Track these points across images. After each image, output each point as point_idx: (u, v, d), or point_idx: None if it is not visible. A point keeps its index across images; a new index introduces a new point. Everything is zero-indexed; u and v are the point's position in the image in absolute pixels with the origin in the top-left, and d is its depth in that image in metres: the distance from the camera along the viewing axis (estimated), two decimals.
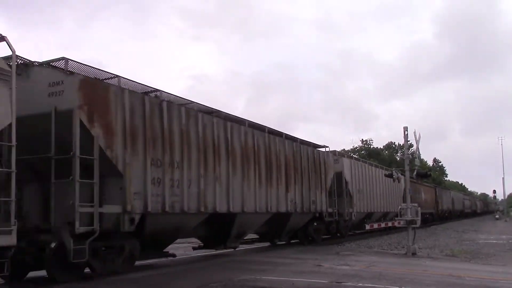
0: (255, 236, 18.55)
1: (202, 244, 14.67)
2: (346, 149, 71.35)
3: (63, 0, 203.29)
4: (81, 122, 9.18)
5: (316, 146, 19.93)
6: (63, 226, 9.01)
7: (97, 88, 9.91)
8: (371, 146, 77.19)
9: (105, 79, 10.65)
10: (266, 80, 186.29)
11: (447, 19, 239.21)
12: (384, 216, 28.04)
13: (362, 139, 77.28)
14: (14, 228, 7.27)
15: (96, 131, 9.45)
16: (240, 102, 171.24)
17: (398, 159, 66.21)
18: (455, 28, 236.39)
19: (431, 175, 51.34)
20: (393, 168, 22.10)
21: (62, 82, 9.36)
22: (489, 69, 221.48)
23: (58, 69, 9.86)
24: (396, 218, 17.22)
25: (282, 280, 9.56)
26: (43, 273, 9.50)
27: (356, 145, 76.08)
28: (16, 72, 7.74)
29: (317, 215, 19.43)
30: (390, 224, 26.13)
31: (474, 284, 9.83)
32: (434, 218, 42.00)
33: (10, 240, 7.23)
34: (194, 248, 15.08)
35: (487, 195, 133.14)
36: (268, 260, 13.24)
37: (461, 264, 13.93)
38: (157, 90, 11.68)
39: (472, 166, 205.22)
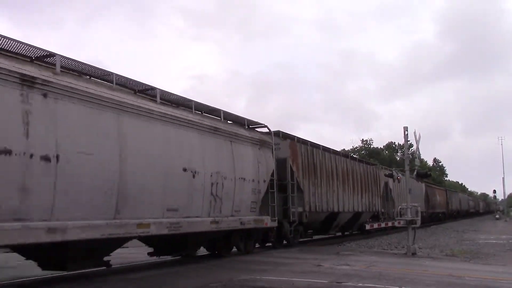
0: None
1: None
2: (346, 149, 71.52)
3: (64, 0, 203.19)
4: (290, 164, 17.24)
5: (368, 163, 29.05)
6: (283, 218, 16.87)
7: (294, 145, 18.21)
8: (371, 146, 77.31)
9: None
10: (266, 80, 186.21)
11: (448, 18, 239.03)
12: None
13: (362, 139, 77.45)
14: (275, 219, 15.52)
15: (294, 168, 17.53)
16: (241, 102, 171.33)
17: (398, 159, 66.31)
18: (457, 27, 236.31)
19: (431, 175, 51.72)
20: (393, 168, 22.14)
21: (279, 143, 17.22)
22: (491, 69, 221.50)
23: (278, 136, 17.53)
24: (396, 218, 17.21)
25: (282, 280, 9.56)
26: None
27: (356, 145, 76.24)
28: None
29: (375, 213, 26.81)
30: (390, 224, 26.19)
31: (474, 284, 9.83)
32: (445, 216, 49.34)
33: (275, 224, 15.65)
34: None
35: (487, 195, 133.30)
36: (268, 260, 13.24)
37: (461, 264, 13.94)
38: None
39: (472, 166, 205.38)
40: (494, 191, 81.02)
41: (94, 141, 8.99)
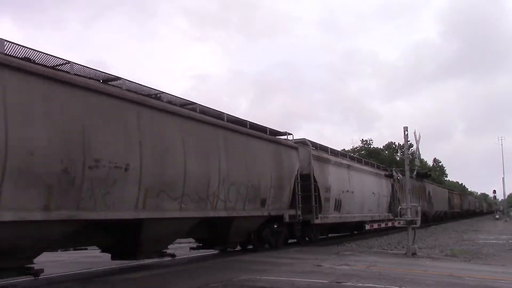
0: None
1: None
2: (346, 149, 71.51)
3: (67, 1, 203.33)
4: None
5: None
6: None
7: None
8: (371, 146, 77.29)
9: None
10: (268, 79, 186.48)
11: (451, 18, 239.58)
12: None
13: (362, 139, 77.42)
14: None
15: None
16: (243, 102, 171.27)
17: (398, 159, 66.30)
18: (460, 27, 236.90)
19: (431, 175, 52.15)
20: (393, 168, 22.14)
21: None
22: (493, 69, 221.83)
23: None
24: (396, 218, 17.21)
25: (282, 280, 9.57)
26: None
27: (356, 145, 76.21)
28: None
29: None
30: (390, 224, 26.25)
31: (474, 284, 9.83)
32: (459, 214, 60.84)
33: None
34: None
35: (487, 195, 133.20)
36: (268, 260, 13.23)
37: (461, 264, 13.94)
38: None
39: (472, 166, 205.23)
40: (494, 191, 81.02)
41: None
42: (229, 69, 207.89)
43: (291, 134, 18.17)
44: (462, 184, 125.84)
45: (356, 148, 75.18)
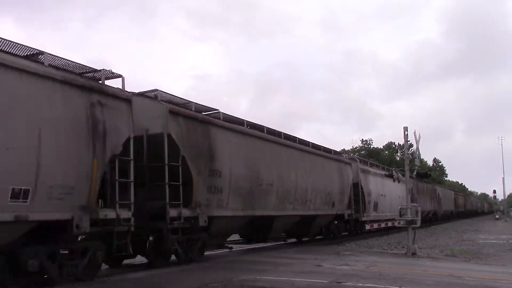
0: None
1: None
2: (346, 149, 71.52)
3: (69, 1, 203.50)
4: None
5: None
6: None
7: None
8: (371, 146, 77.27)
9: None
10: (269, 79, 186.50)
11: (453, 18, 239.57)
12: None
13: (362, 139, 77.42)
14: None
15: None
16: (244, 102, 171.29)
17: (398, 159, 66.29)
18: (461, 27, 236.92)
19: (431, 175, 52.08)
20: (393, 168, 22.15)
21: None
22: (494, 68, 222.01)
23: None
24: (396, 218, 17.21)
25: (282, 280, 9.57)
26: None
27: (356, 145, 76.20)
28: None
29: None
30: (390, 224, 26.25)
31: (474, 284, 9.83)
32: (464, 213, 65.38)
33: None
34: None
35: (487, 195, 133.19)
36: (268, 260, 13.23)
37: (461, 264, 13.94)
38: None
39: (472, 166, 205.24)
40: (494, 191, 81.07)
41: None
42: (229, 69, 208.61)
43: (345, 154, 26.08)
44: (462, 184, 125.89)
45: (356, 148, 75.19)
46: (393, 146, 75.88)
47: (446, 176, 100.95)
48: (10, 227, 7.68)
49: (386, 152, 78.01)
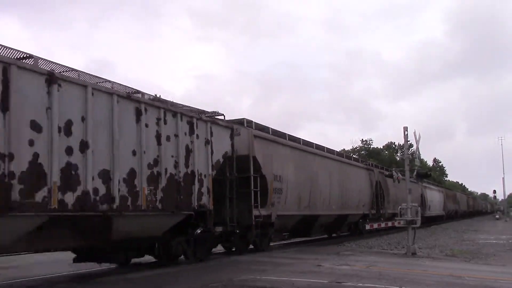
0: None
1: None
2: (346, 149, 71.54)
3: (73, 1, 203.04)
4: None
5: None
6: None
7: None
8: (371, 147, 77.28)
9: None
10: (272, 79, 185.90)
11: (457, 17, 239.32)
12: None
13: (362, 139, 77.44)
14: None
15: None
16: (246, 101, 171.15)
17: (398, 159, 66.33)
18: (465, 26, 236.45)
19: (431, 175, 52.11)
20: (393, 168, 22.16)
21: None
22: (498, 68, 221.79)
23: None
24: (396, 218, 17.21)
25: (282, 280, 9.57)
26: None
27: (356, 145, 76.21)
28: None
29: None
30: (390, 224, 26.27)
31: (474, 284, 9.84)
32: (472, 213, 77.32)
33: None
34: None
35: (487, 195, 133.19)
36: (268, 260, 13.24)
37: (461, 264, 13.94)
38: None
39: (472, 166, 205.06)
40: (494, 191, 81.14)
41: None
42: (232, 69, 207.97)
43: (371, 163, 30.56)
44: (462, 184, 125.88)
45: (356, 148, 75.21)
46: (393, 146, 75.91)
47: (446, 176, 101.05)
48: (360, 215, 25.53)
49: (386, 152, 78.04)
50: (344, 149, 70.01)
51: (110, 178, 9.28)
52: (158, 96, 12.36)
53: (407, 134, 16.51)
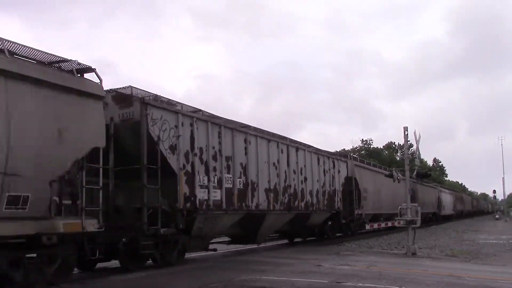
0: None
1: None
2: (346, 149, 71.50)
3: (73, 1, 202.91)
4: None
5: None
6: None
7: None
8: (371, 146, 77.23)
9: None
10: (273, 79, 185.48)
11: (458, 17, 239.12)
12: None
13: (362, 139, 77.40)
14: None
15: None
16: (247, 101, 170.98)
17: (398, 159, 66.30)
18: (467, 26, 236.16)
19: (431, 175, 52.12)
20: (393, 168, 22.15)
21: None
22: (500, 68, 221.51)
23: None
24: (396, 218, 17.21)
25: (282, 280, 9.57)
26: None
27: (356, 145, 76.16)
28: None
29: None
30: (390, 224, 26.30)
31: (474, 284, 9.84)
32: (476, 212, 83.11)
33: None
34: None
35: (487, 195, 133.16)
36: (268, 260, 13.25)
37: (461, 264, 13.94)
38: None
39: (472, 165, 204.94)
40: (494, 191, 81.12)
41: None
42: (233, 69, 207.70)
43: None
44: (462, 184, 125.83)
45: (356, 148, 75.15)
46: (393, 146, 75.88)
47: (446, 176, 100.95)
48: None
49: (386, 152, 77.99)
50: (344, 149, 70.00)
51: (310, 195, 18.22)
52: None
53: (407, 134, 16.52)
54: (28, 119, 7.85)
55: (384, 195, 26.75)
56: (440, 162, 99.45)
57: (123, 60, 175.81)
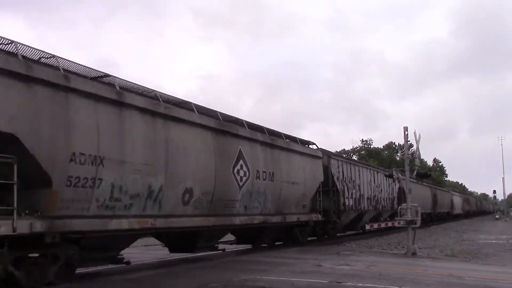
0: None
1: None
2: (346, 149, 71.57)
3: (77, 1, 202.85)
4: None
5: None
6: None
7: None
8: (371, 146, 77.26)
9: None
10: (275, 79, 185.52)
11: (461, 17, 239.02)
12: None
13: (362, 139, 77.42)
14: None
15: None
16: (249, 101, 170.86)
17: (398, 159, 66.33)
18: (470, 26, 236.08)
19: (431, 175, 52.16)
20: (393, 168, 22.16)
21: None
22: (503, 68, 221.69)
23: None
24: (396, 218, 17.22)
25: (282, 280, 9.57)
26: None
27: (356, 145, 76.21)
28: None
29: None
30: (390, 224, 26.38)
31: (474, 284, 9.84)
32: (479, 212, 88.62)
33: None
34: None
35: (487, 195, 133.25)
36: (268, 260, 13.25)
37: (461, 264, 13.95)
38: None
39: (472, 165, 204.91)
40: (494, 191, 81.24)
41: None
42: (235, 69, 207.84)
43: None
44: (462, 184, 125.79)
45: (356, 148, 75.22)
46: (394, 146, 75.94)
47: (446, 176, 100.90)
48: None
49: (386, 152, 78.02)
50: (344, 149, 70.09)
51: (367, 200, 23.77)
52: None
53: (407, 134, 16.53)
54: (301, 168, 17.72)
55: (418, 200, 26.51)
56: (440, 162, 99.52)
57: (125, 60, 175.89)
